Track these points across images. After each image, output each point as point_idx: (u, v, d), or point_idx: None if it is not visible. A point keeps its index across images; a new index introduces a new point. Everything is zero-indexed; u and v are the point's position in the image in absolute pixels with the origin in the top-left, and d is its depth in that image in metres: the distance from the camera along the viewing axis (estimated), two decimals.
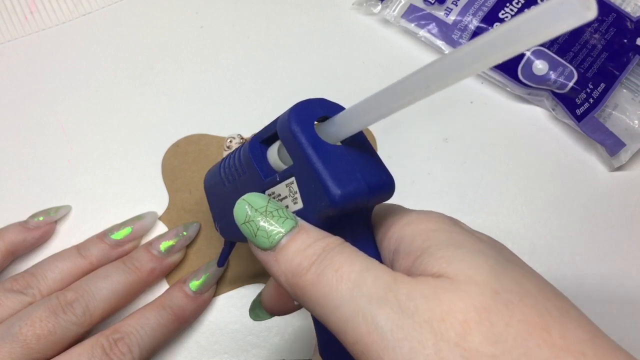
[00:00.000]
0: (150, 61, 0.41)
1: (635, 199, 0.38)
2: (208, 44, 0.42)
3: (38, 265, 0.32)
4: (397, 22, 0.42)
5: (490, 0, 0.40)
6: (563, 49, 0.38)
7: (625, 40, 0.39)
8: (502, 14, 0.40)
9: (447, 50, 0.41)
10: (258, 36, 0.42)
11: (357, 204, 0.20)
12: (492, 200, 0.37)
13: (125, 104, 0.40)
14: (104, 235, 0.34)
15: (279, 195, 0.22)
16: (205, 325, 0.34)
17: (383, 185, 0.21)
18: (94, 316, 0.30)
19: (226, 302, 0.35)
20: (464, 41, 0.40)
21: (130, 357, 0.28)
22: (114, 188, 0.37)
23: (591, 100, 0.38)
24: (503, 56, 0.15)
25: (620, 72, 0.38)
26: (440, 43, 0.41)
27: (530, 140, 0.39)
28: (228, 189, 0.27)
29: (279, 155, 0.23)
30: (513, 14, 0.40)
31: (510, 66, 0.39)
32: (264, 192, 0.23)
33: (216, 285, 0.34)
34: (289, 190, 0.22)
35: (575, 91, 0.38)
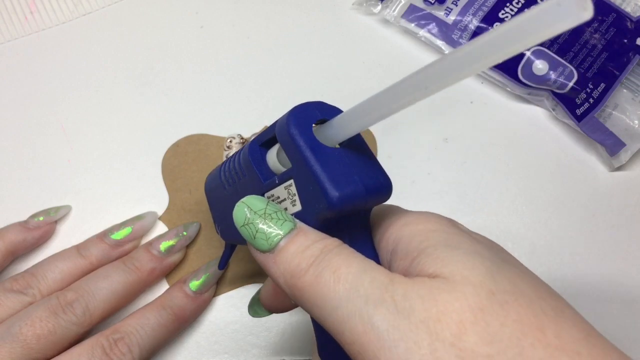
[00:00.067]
0: (150, 61, 0.41)
1: (635, 199, 0.38)
2: (208, 44, 0.42)
3: (38, 265, 0.32)
4: (397, 22, 0.42)
5: (490, 0, 0.40)
6: (563, 49, 0.38)
7: (625, 40, 0.39)
8: (502, 14, 0.40)
9: (447, 50, 0.41)
10: (258, 36, 0.42)
11: (354, 206, 0.20)
12: (492, 200, 0.37)
13: (125, 104, 0.40)
14: (104, 235, 0.34)
15: (278, 197, 0.22)
16: (205, 325, 0.34)
17: (380, 188, 0.21)
18: (94, 316, 0.30)
19: (226, 302, 0.35)
20: (464, 41, 0.40)
21: (130, 357, 0.28)
22: (114, 188, 0.37)
23: (591, 100, 0.38)
24: (501, 57, 0.15)
25: (620, 72, 0.38)
26: (440, 43, 0.41)
27: (530, 140, 0.39)
28: (228, 192, 0.27)
29: (278, 158, 0.23)
30: (513, 13, 0.40)
31: (510, 66, 0.39)
32: (263, 195, 0.23)
33: (216, 285, 0.34)
34: (288, 193, 0.22)
35: (575, 91, 0.38)
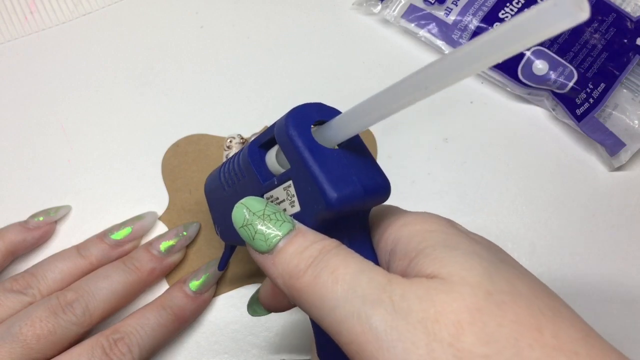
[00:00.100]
0: (150, 61, 0.41)
1: (635, 199, 0.38)
2: (208, 44, 0.42)
3: (38, 265, 0.32)
4: (397, 22, 0.42)
5: (490, 0, 0.40)
6: (563, 49, 0.38)
7: (625, 40, 0.39)
8: (502, 14, 0.40)
9: (447, 50, 0.41)
10: (258, 36, 0.42)
11: (353, 207, 0.20)
12: (492, 200, 0.37)
13: (125, 104, 0.40)
14: (104, 235, 0.34)
15: (277, 198, 0.23)
16: (205, 325, 0.34)
17: (379, 188, 0.21)
18: (94, 316, 0.30)
19: (226, 302, 0.35)
20: (464, 41, 0.40)
21: (130, 357, 0.28)
22: (114, 188, 0.37)
23: (591, 100, 0.38)
24: (500, 57, 0.15)
25: (620, 72, 0.38)
26: (440, 43, 0.41)
27: (530, 140, 0.39)
28: (228, 193, 0.27)
29: (277, 159, 0.23)
30: (513, 13, 0.40)
31: (510, 66, 0.39)
32: (262, 196, 0.23)
33: (216, 286, 0.34)
34: (287, 194, 0.22)
35: (575, 91, 0.38)
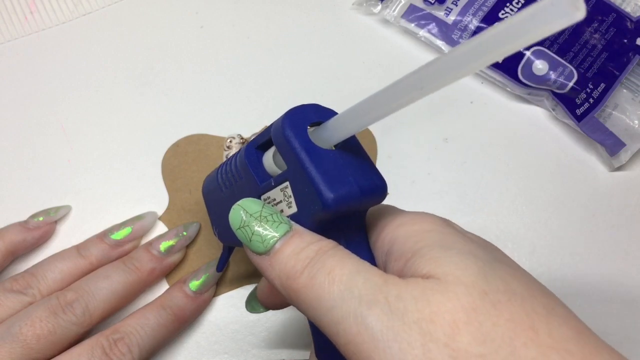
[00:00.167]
0: (150, 61, 0.41)
1: (635, 199, 0.38)
2: (208, 44, 0.42)
3: (38, 265, 0.32)
4: (397, 22, 0.42)
5: (490, 0, 0.40)
6: (563, 49, 0.38)
7: (625, 40, 0.39)
8: (502, 14, 0.40)
9: (447, 50, 0.41)
10: (258, 36, 0.42)
11: (349, 207, 0.21)
12: (492, 200, 0.37)
13: (125, 104, 0.40)
14: (104, 235, 0.34)
15: (274, 199, 0.23)
16: (205, 325, 0.34)
17: (375, 189, 0.21)
18: (94, 316, 0.30)
19: (226, 302, 0.35)
20: (464, 41, 0.40)
21: (130, 357, 0.28)
22: (114, 188, 0.37)
23: (591, 100, 0.38)
24: (496, 56, 0.15)
25: (620, 72, 0.38)
26: (440, 43, 0.41)
27: (530, 140, 0.39)
28: (225, 194, 0.27)
29: (274, 161, 0.23)
30: (513, 13, 0.40)
31: (510, 66, 0.39)
32: (259, 197, 0.23)
33: (216, 286, 0.34)
34: (284, 195, 0.22)
35: (575, 91, 0.38)
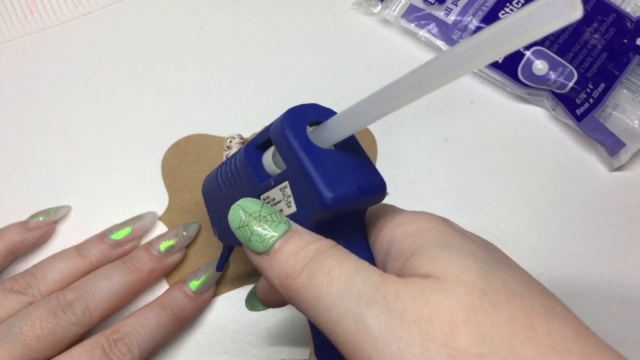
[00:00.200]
0: (150, 61, 0.41)
1: (635, 199, 0.38)
2: (208, 44, 0.42)
3: (38, 265, 0.32)
4: (397, 22, 0.42)
5: (490, 0, 0.40)
6: (563, 49, 0.38)
7: (625, 40, 0.39)
8: (502, 14, 0.40)
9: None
10: (258, 36, 0.42)
11: (348, 207, 0.21)
12: (492, 200, 0.37)
13: (125, 104, 0.40)
14: (104, 235, 0.34)
15: (274, 199, 0.23)
16: (205, 325, 0.34)
17: (374, 188, 0.21)
18: (94, 316, 0.30)
19: (226, 302, 0.35)
20: (461, 41, 0.40)
21: (130, 357, 0.28)
22: (114, 188, 0.37)
23: (591, 100, 0.38)
24: (494, 56, 0.15)
25: (620, 72, 0.38)
26: (440, 43, 0.41)
27: (530, 140, 0.39)
28: (225, 194, 0.27)
29: (273, 160, 0.23)
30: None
31: (510, 66, 0.39)
32: (259, 197, 0.23)
33: (216, 286, 0.34)
34: (283, 194, 0.22)
35: (575, 91, 0.38)
